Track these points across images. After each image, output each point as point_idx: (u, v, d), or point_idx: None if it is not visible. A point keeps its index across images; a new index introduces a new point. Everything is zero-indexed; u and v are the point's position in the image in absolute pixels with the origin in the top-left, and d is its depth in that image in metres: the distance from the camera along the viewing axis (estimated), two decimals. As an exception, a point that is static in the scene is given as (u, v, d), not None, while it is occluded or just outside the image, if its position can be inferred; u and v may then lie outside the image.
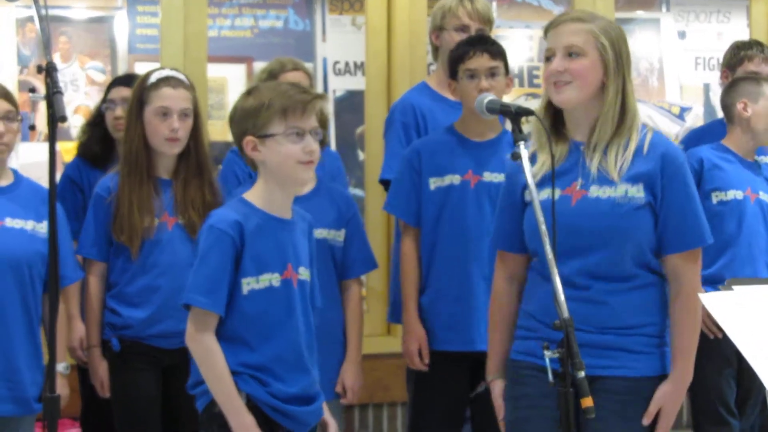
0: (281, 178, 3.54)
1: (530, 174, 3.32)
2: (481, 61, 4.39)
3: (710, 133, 5.25)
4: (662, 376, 3.58)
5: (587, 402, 3.10)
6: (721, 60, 5.57)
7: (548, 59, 3.61)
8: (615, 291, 3.52)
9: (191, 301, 3.46)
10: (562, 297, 3.17)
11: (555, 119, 3.62)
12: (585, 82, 3.56)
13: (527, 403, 3.60)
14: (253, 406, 3.48)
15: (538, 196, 3.38)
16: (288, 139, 3.48)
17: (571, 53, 3.56)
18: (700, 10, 7.54)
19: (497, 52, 4.45)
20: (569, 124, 3.61)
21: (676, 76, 7.51)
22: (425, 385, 4.52)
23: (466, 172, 4.43)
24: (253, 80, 5.09)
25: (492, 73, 4.39)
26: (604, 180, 3.53)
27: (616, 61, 3.59)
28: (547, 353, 3.18)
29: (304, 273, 3.61)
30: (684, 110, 7.23)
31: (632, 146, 3.57)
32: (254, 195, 3.57)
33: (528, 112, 3.44)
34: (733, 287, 2.94)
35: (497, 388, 3.72)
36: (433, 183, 4.46)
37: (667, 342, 3.60)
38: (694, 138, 5.37)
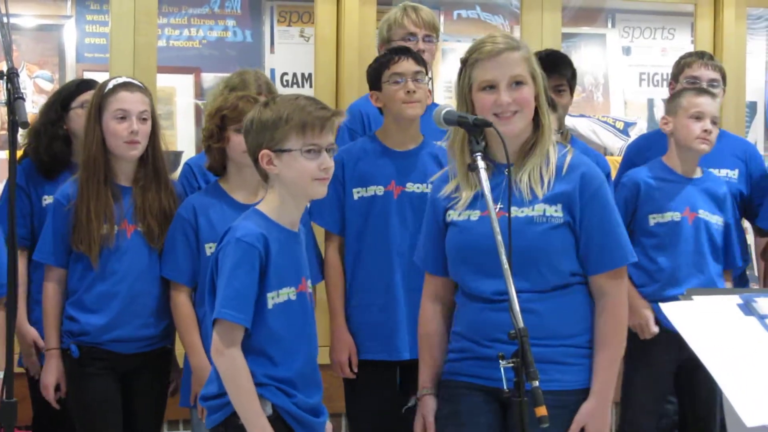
0: (295, 193, 3.52)
1: (487, 186, 3.33)
2: (407, 65, 4.42)
3: (651, 142, 5.25)
4: (588, 389, 3.58)
5: (541, 411, 3.09)
6: (665, 76, 5.63)
7: (485, 89, 3.58)
8: (541, 299, 3.53)
9: (223, 315, 3.39)
10: (517, 307, 3.16)
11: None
12: (530, 109, 3.61)
13: (458, 420, 3.61)
14: (277, 417, 3.46)
15: (463, 215, 3.53)
16: (305, 155, 3.45)
17: (516, 82, 3.58)
18: (645, 27, 7.62)
19: (421, 60, 4.50)
20: (495, 147, 3.58)
21: (620, 92, 7.58)
22: (357, 395, 4.53)
23: (389, 183, 4.45)
24: (213, 93, 5.07)
25: (417, 78, 4.41)
26: (523, 200, 3.54)
27: (543, 85, 3.65)
28: (503, 363, 3.17)
29: (309, 285, 3.62)
30: (628, 125, 7.29)
31: (552, 165, 3.60)
32: (267, 208, 3.53)
33: (486, 124, 3.44)
34: (693, 297, 2.98)
35: (429, 404, 3.73)
36: (357, 193, 4.48)
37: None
38: (635, 149, 5.38)
